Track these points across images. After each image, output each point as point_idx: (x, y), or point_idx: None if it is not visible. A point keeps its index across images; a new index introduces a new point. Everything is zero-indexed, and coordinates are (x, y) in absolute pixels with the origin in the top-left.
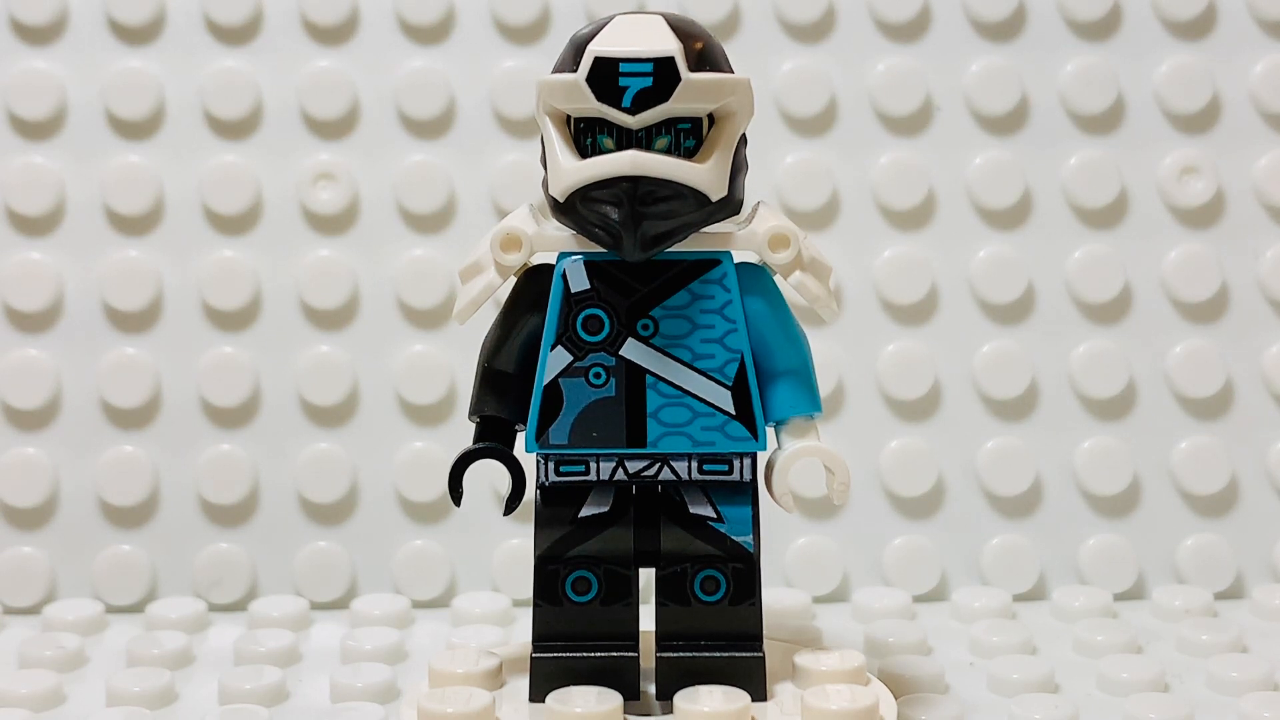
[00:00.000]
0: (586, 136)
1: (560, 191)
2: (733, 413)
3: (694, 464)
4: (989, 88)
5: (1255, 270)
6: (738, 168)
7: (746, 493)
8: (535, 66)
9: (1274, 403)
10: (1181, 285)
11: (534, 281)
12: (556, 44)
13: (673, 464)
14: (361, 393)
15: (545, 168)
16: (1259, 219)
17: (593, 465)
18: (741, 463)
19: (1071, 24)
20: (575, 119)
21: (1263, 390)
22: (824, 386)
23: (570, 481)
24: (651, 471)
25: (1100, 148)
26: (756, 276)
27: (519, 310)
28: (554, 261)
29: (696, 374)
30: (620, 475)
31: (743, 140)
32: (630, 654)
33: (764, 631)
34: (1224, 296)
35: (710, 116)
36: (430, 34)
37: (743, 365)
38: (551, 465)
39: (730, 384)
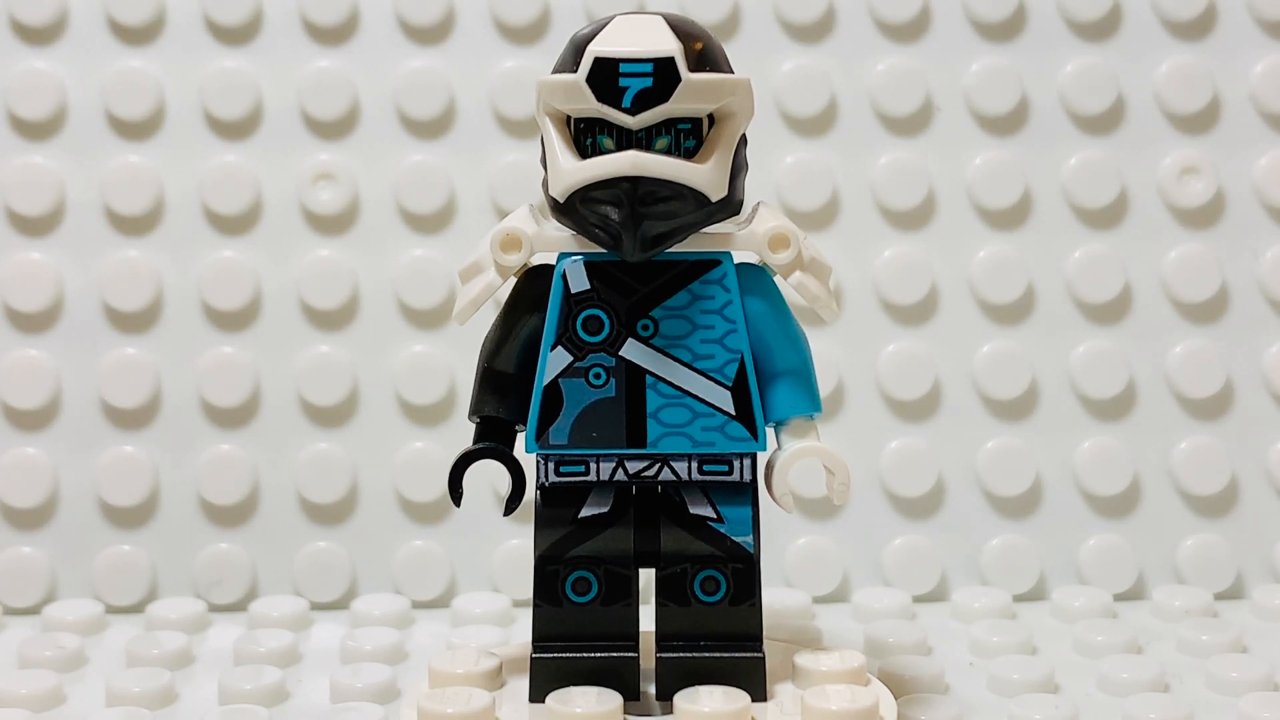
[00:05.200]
0: (586, 137)
1: (560, 192)
2: (732, 413)
3: (694, 464)
4: (989, 88)
5: (1255, 270)
6: (738, 168)
7: (746, 493)
8: (535, 66)
9: (1274, 403)
10: (1181, 285)
11: (534, 282)
12: (556, 44)
13: (673, 464)
14: (361, 393)
15: (545, 168)
16: (1259, 219)
17: (593, 466)
18: (741, 463)
19: (1071, 24)
20: (575, 119)
21: (1263, 390)
22: (824, 386)
23: (570, 482)
24: (651, 472)
25: (1100, 148)
26: (756, 277)
27: (519, 311)
28: (554, 262)
29: (696, 374)
30: (620, 476)
31: (743, 141)
32: (630, 654)
33: (764, 631)
34: (1224, 296)
35: (710, 117)
36: (430, 34)
37: (743, 365)
38: (551, 465)
39: (730, 384)
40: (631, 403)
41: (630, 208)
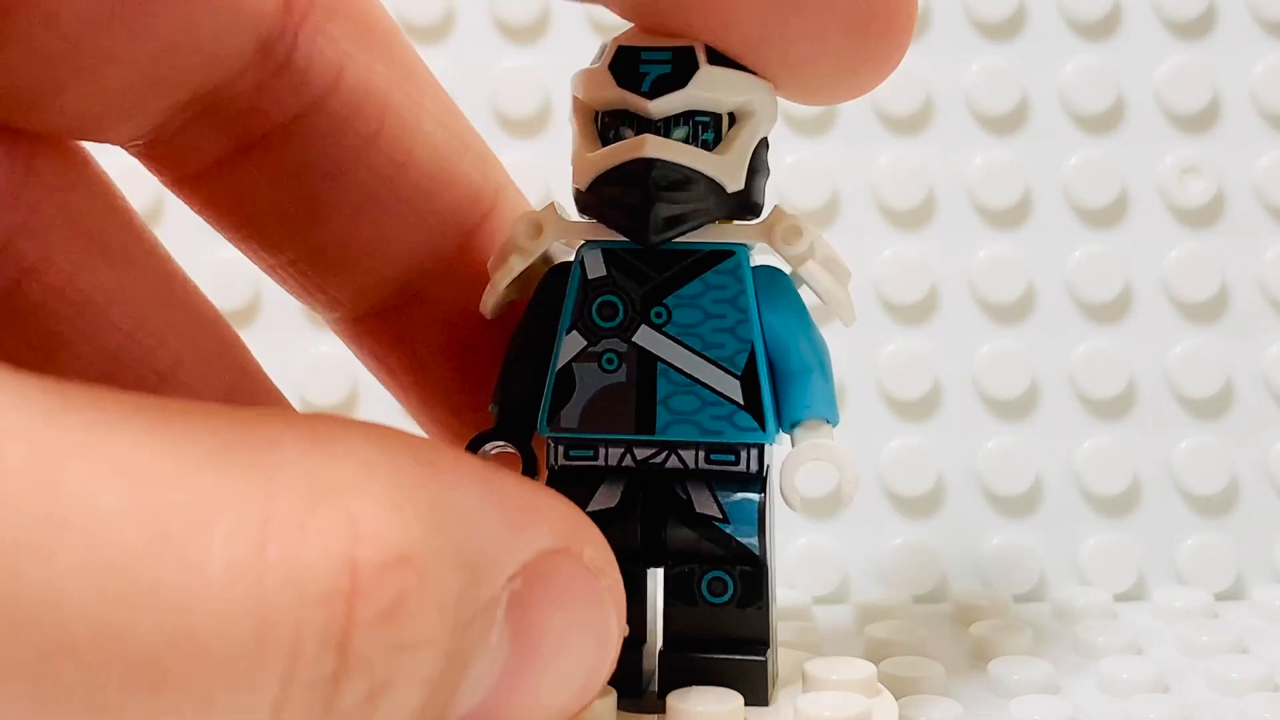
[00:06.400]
0: (610, 130)
1: (581, 180)
2: (741, 402)
3: (701, 453)
4: (989, 88)
5: (1255, 270)
6: (756, 169)
7: (754, 491)
8: (535, 66)
9: (1274, 403)
10: (1181, 285)
11: (557, 279)
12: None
13: (680, 452)
14: (361, 392)
15: (573, 163)
16: (1259, 219)
17: (601, 451)
18: (749, 454)
19: (1071, 24)
20: (601, 114)
21: (1263, 390)
22: None
23: (579, 466)
24: (659, 459)
25: (1100, 148)
26: (776, 279)
27: (542, 305)
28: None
29: (707, 362)
30: (628, 462)
31: (764, 144)
32: (634, 653)
33: (773, 636)
34: (1224, 296)
35: (731, 116)
36: (430, 34)
37: (752, 355)
38: (561, 449)
39: (739, 373)
40: (642, 388)
41: (645, 189)
